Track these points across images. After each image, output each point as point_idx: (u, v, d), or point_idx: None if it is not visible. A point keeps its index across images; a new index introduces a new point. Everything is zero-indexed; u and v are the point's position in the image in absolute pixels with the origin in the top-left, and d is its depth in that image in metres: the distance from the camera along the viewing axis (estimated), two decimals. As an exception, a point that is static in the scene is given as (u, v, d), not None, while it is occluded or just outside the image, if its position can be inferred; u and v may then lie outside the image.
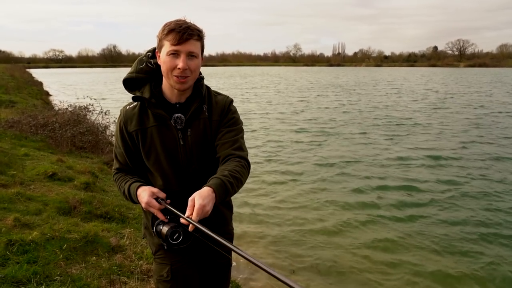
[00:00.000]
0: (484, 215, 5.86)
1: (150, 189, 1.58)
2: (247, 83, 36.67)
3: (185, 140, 1.63)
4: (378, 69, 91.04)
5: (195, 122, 1.65)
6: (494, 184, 7.26)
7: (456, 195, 6.72)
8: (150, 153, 1.65)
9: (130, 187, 1.64)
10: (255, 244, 5.04)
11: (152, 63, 1.67)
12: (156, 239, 1.71)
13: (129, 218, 4.54)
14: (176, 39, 1.49)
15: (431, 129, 12.98)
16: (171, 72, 1.54)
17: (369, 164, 8.75)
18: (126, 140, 1.67)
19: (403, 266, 4.51)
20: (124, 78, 1.70)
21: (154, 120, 1.63)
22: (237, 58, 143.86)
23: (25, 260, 2.96)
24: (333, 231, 5.41)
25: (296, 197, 6.76)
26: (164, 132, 1.62)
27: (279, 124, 14.28)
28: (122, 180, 1.72)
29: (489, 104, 19.71)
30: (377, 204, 6.39)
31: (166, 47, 1.53)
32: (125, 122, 1.65)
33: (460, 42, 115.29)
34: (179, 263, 1.74)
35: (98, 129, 9.27)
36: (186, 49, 1.51)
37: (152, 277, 3.16)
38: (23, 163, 5.87)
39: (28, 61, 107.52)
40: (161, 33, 1.54)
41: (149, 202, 1.53)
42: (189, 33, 1.50)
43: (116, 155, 1.75)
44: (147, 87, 1.65)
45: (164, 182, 1.67)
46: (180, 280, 1.74)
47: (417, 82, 39.80)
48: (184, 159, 1.64)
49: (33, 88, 23.14)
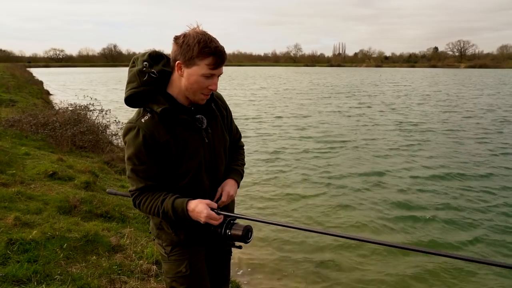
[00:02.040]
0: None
1: (202, 202, 1.61)
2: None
3: (209, 138, 1.74)
4: (382, 70, 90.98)
5: (212, 121, 1.77)
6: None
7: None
8: (182, 158, 1.65)
9: (174, 204, 1.61)
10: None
11: (155, 73, 1.63)
12: (176, 237, 1.77)
13: (129, 217, 4.54)
14: (216, 65, 1.56)
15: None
16: (200, 90, 1.62)
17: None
18: (155, 152, 1.61)
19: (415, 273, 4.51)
20: (129, 94, 1.63)
21: (180, 126, 1.65)
22: (237, 58, 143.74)
23: (25, 259, 2.96)
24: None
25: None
26: (192, 135, 1.68)
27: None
28: (153, 200, 1.65)
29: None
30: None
31: (202, 69, 1.56)
32: (150, 134, 1.59)
33: (460, 43, 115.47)
34: (195, 257, 1.81)
35: (98, 128, 9.28)
36: (219, 72, 1.62)
37: (152, 276, 3.17)
38: (24, 162, 5.87)
39: (28, 60, 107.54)
40: (195, 51, 1.52)
41: (209, 215, 1.58)
42: (224, 58, 1.58)
43: (138, 174, 1.64)
44: (161, 98, 1.64)
45: (192, 183, 1.70)
46: (197, 274, 1.82)
47: (425, 83, 39.42)
48: (208, 156, 1.73)
49: (34, 87, 23.15)
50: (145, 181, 1.65)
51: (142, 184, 1.65)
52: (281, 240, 5.15)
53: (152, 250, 3.49)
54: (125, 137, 1.64)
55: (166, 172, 1.66)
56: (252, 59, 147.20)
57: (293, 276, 4.31)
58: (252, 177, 7.90)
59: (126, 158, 1.67)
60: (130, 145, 1.62)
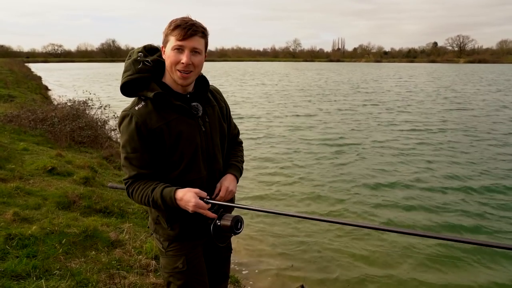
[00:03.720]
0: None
1: (191, 190, 1.58)
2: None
3: (205, 126, 1.73)
4: (382, 65, 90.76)
5: (209, 109, 1.76)
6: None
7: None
8: (176, 145, 1.64)
9: (163, 193, 1.59)
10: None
11: (149, 61, 1.68)
12: (172, 232, 1.75)
13: (128, 213, 4.55)
14: (181, 35, 1.55)
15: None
16: (174, 67, 1.59)
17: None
18: (147, 140, 1.61)
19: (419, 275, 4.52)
20: (124, 81, 1.66)
21: (175, 113, 1.64)
22: (236, 53, 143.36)
23: (24, 254, 2.96)
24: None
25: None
26: (187, 122, 1.67)
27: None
28: (144, 189, 1.63)
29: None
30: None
31: (171, 42, 1.58)
32: (143, 121, 1.59)
33: (460, 38, 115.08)
34: (192, 253, 1.79)
35: (97, 123, 9.28)
36: (190, 45, 1.57)
37: (151, 271, 3.18)
38: (22, 158, 5.86)
39: (27, 55, 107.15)
40: (167, 29, 1.58)
41: (198, 204, 1.55)
42: (194, 30, 1.56)
43: (131, 162, 1.63)
44: (154, 85, 1.65)
45: (186, 171, 1.68)
46: (194, 270, 1.80)
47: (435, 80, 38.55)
48: (204, 145, 1.72)
49: (32, 83, 23.05)
50: (138, 169, 1.64)
51: (135, 172, 1.65)
52: (278, 232, 5.15)
53: (151, 245, 3.49)
54: (120, 125, 1.66)
55: (160, 160, 1.65)
56: (251, 54, 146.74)
57: (293, 269, 4.32)
58: (257, 176, 7.83)
59: (120, 146, 1.68)
60: (124, 132, 1.64)
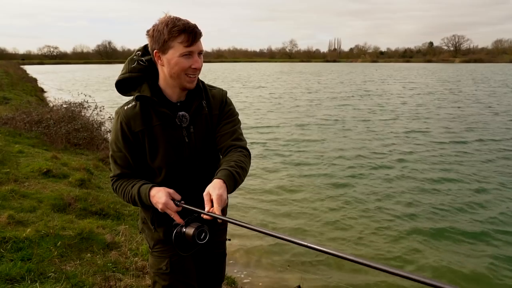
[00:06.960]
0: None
1: (165, 189, 1.52)
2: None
3: (190, 137, 1.65)
4: (378, 65, 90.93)
5: (198, 119, 1.67)
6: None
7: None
8: (155, 152, 1.62)
9: (140, 189, 1.57)
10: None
11: (144, 61, 1.66)
12: (156, 234, 1.73)
13: (124, 215, 4.53)
14: (190, 41, 1.50)
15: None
16: (184, 72, 1.55)
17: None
18: (130, 141, 1.60)
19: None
20: (117, 79, 1.66)
21: (158, 119, 1.61)
22: (233, 54, 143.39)
23: (19, 257, 2.94)
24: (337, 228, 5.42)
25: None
26: (169, 131, 1.62)
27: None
28: (126, 185, 1.63)
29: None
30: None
31: (177, 49, 1.51)
32: (127, 122, 1.59)
33: (455, 38, 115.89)
34: (177, 256, 1.73)
35: (93, 125, 9.24)
36: (198, 49, 1.54)
37: (147, 273, 3.16)
38: (18, 160, 5.83)
39: (22, 57, 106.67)
40: (167, 34, 1.48)
41: (167, 203, 1.48)
42: (198, 33, 1.52)
43: (116, 160, 1.65)
44: (145, 86, 1.62)
45: (169, 180, 1.64)
46: (178, 273, 1.76)
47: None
48: (188, 156, 1.66)
49: (28, 85, 22.97)
50: (121, 168, 1.65)
51: (119, 171, 1.65)
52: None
53: (147, 247, 3.47)
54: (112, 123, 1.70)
55: (142, 163, 1.64)
56: (248, 55, 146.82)
57: (289, 271, 4.32)
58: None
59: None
60: (112, 130, 1.67)
